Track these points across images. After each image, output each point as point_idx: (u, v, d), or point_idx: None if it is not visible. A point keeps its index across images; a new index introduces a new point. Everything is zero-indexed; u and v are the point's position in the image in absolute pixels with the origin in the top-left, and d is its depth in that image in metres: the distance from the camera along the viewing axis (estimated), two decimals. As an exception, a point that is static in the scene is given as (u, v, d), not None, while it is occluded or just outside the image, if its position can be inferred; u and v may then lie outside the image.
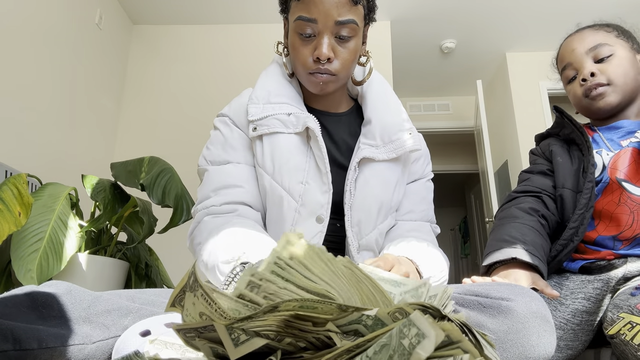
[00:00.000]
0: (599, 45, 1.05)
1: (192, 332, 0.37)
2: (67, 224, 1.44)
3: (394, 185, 0.91)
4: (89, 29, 2.77)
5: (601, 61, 1.04)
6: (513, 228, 0.98)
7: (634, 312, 0.77)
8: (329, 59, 0.83)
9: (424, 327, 0.26)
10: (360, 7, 0.85)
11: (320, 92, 0.89)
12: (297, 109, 0.90)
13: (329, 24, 0.82)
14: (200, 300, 0.35)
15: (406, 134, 0.90)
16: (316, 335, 0.36)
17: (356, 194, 0.88)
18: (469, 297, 0.64)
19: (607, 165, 1.01)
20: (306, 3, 0.82)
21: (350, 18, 0.83)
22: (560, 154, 1.11)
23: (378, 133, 0.90)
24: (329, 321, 0.35)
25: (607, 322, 0.83)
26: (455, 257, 7.06)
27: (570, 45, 1.11)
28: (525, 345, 0.58)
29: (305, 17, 0.82)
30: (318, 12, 0.81)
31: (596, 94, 1.04)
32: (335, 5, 0.81)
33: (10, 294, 0.58)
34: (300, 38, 0.85)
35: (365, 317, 0.34)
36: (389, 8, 3.21)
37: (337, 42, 0.85)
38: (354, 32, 0.85)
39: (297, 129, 0.88)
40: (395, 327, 0.28)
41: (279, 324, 0.35)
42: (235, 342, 0.34)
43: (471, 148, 4.57)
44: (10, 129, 2.10)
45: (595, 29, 1.09)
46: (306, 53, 0.85)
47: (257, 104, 0.90)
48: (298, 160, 0.87)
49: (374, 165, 0.89)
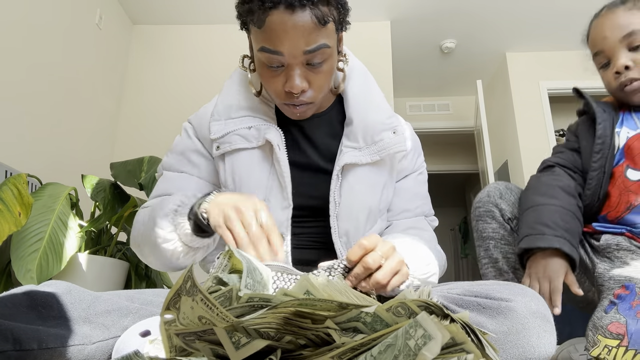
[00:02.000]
0: (633, 32, 0.97)
1: (192, 335, 0.37)
2: (67, 224, 1.44)
3: (381, 188, 0.86)
4: (89, 29, 2.76)
5: (636, 49, 0.98)
6: (556, 213, 0.96)
7: (606, 335, 0.80)
8: (303, 90, 0.76)
9: (431, 328, 0.26)
10: (330, 24, 0.74)
11: (299, 118, 0.83)
12: (261, 120, 0.85)
13: (297, 55, 0.72)
14: (200, 304, 0.35)
15: (390, 133, 0.84)
16: (315, 333, 0.36)
17: (342, 202, 0.83)
18: (468, 297, 0.63)
19: (621, 146, 1.01)
20: (268, 34, 0.71)
21: (321, 43, 0.72)
22: (585, 137, 1.08)
23: (360, 134, 0.84)
24: (328, 318, 0.35)
25: (588, 343, 0.84)
26: (455, 257, 7.05)
27: (601, 30, 1.02)
28: (525, 346, 0.58)
29: (269, 49, 0.72)
30: (282, 45, 0.71)
31: (631, 90, 0.99)
32: (301, 34, 0.70)
33: (9, 293, 0.57)
34: (267, 68, 0.76)
35: (364, 314, 0.34)
36: (389, 8, 3.21)
37: (310, 69, 0.75)
38: (326, 55, 0.75)
39: (259, 142, 0.83)
40: (401, 327, 0.28)
41: (279, 322, 0.35)
42: (236, 346, 0.34)
43: (471, 148, 4.57)
44: (10, 129, 2.10)
45: (628, 7, 1.00)
46: (277, 84, 0.76)
47: (218, 121, 0.85)
48: (258, 176, 0.83)
49: (359, 170, 0.84)
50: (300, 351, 0.38)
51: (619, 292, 0.86)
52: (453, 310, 0.61)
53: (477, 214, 1.10)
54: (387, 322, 0.33)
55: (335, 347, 0.35)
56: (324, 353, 0.35)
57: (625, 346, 0.77)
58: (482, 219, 1.08)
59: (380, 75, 3.23)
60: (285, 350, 0.38)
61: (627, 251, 0.95)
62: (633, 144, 0.99)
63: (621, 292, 0.86)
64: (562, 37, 3.49)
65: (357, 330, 0.35)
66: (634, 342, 0.76)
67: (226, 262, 0.51)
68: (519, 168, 3.52)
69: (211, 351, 0.39)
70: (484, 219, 1.08)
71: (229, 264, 0.51)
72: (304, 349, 0.38)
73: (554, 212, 0.96)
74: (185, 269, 0.37)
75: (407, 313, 0.32)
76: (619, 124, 1.05)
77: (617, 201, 0.99)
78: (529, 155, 3.49)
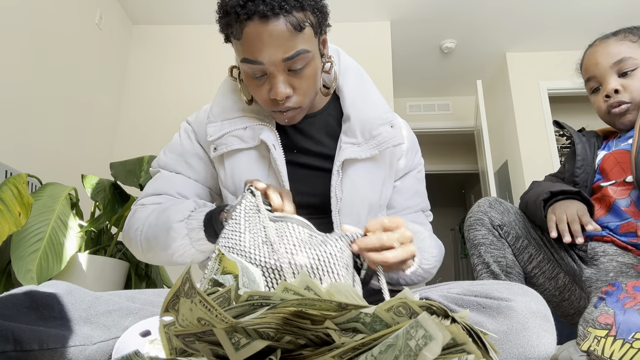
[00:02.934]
0: (623, 59, 1.06)
1: (191, 336, 0.37)
2: (67, 224, 1.44)
3: (381, 183, 0.88)
4: (89, 29, 2.76)
5: (625, 75, 1.06)
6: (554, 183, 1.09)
7: (596, 326, 0.82)
8: (287, 96, 0.78)
9: (432, 329, 0.26)
10: (307, 29, 0.75)
11: (288, 124, 0.86)
12: (256, 120, 0.86)
13: (276, 64, 0.74)
14: (199, 306, 0.35)
15: (388, 127, 0.86)
16: (315, 333, 0.36)
17: (344, 197, 0.84)
18: (468, 297, 0.63)
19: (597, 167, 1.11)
20: (246, 45, 0.74)
21: (299, 50, 0.74)
22: (569, 161, 1.19)
23: (359, 129, 0.86)
24: (328, 319, 0.35)
25: (579, 337, 0.86)
26: (455, 257, 7.06)
27: (594, 57, 1.11)
28: (525, 345, 0.58)
29: (249, 60, 0.75)
30: (261, 55, 0.73)
31: (618, 112, 1.07)
32: (278, 43, 0.72)
33: (10, 294, 0.57)
34: (252, 78, 0.79)
35: (364, 314, 0.34)
36: (389, 8, 3.21)
37: (292, 75, 0.77)
38: (307, 60, 0.76)
39: (255, 142, 0.85)
40: (402, 327, 0.28)
41: (278, 322, 0.35)
42: (236, 347, 0.34)
43: (471, 148, 4.57)
44: (10, 129, 2.10)
45: (619, 38, 1.09)
46: (263, 93, 0.79)
47: (214, 123, 0.87)
48: (257, 176, 0.85)
49: (358, 166, 0.85)
50: (300, 351, 0.38)
51: (606, 289, 0.90)
52: (453, 309, 0.61)
53: (469, 223, 1.16)
54: (387, 322, 0.34)
55: (336, 347, 0.35)
56: (324, 353, 0.35)
57: (614, 336, 0.78)
58: (473, 227, 1.14)
59: (380, 75, 3.23)
60: (285, 350, 0.38)
61: (614, 255, 0.99)
62: (604, 163, 1.09)
63: (608, 289, 0.89)
64: (562, 37, 3.49)
65: (356, 331, 0.35)
66: (621, 332, 0.77)
67: (217, 265, 0.52)
68: (519, 168, 3.52)
69: (211, 352, 0.39)
70: (475, 227, 1.14)
71: (220, 267, 0.52)
72: (304, 349, 0.38)
73: (559, 183, 1.09)
74: (183, 271, 0.37)
75: (408, 313, 0.32)
76: (602, 148, 1.15)
77: (597, 207, 1.07)
78: (529, 155, 3.49)
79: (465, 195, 6.70)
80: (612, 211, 1.04)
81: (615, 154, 1.07)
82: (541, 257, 1.11)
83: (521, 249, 1.11)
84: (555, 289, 1.12)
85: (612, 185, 1.05)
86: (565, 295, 1.12)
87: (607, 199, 1.05)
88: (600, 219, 1.06)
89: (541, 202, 1.04)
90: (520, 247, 1.11)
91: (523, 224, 1.13)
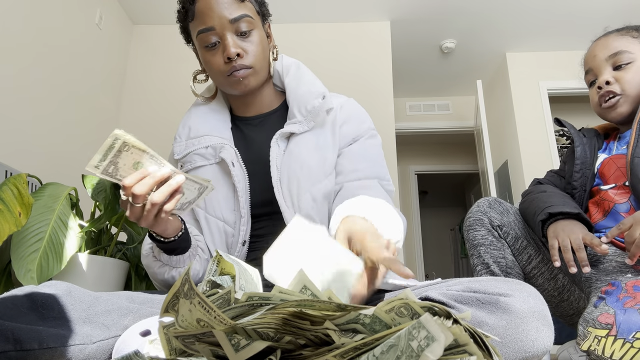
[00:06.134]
0: (619, 52, 1.06)
1: (191, 337, 0.37)
2: (67, 224, 1.44)
3: (323, 148, 0.92)
4: (89, 29, 2.76)
5: (619, 67, 1.06)
6: (560, 194, 1.07)
7: (596, 325, 0.82)
8: (238, 54, 0.89)
9: (434, 330, 0.26)
10: (247, 2, 0.91)
11: (246, 89, 0.92)
12: (217, 138, 0.95)
13: (225, 25, 0.88)
14: (198, 307, 0.35)
15: (320, 99, 0.93)
16: (314, 333, 0.36)
17: (282, 165, 0.90)
18: (467, 293, 0.64)
19: (597, 171, 1.09)
20: (198, 16, 0.89)
21: (242, 13, 0.89)
22: (568, 161, 1.18)
23: (296, 109, 0.94)
24: (327, 320, 0.35)
25: (579, 337, 0.86)
26: (455, 257, 7.06)
27: (593, 50, 1.12)
28: (524, 340, 0.58)
29: (203, 29, 0.89)
30: (212, 19, 0.88)
31: (608, 105, 1.07)
32: (224, 7, 0.88)
33: (10, 294, 0.57)
34: (208, 50, 0.91)
35: (363, 316, 0.34)
36: (389, 8, 3.21)
37: (240, 38, 0.90)
38: (251, 25, 0.91)
39: (216, 160, 0.94)
40: (404, 328, 0.28)
41: (278, 322, 0.35)
42: (235, 348, 0.34)
43: (471, 148, 4.57)
44: (11, 129, 2.10)
45: (621, 33, 1.09)
46: (218, 59, 0.90)
47: (179, 142, 0.98)
48: (222, 189, 0.92)
49: (298, 137, 0.92)
50: (300, 351, 0.38)
51: (606, 288, 0.89)
52: (453, 306, 0.61)
53: (468, 224, 1.15)
54: (387, 323, 0.33)
55: (336, 347, 0.35)
56: (324, 353, 0.35)
57: (614, 335, 0.78)
58: (472, 227, 1.14)
59: (380, 75, 3.22)
60: (285, 350, 0.38)
61: (613, 255, 0.98)
62: (604, 168, 1.08)
63: (608, 289, 0.89)
64: (562, 37, 3.49)
65: (356, 331, 0.35)
66: (622, 331, 0.77)
67: (215, 267, 0.53)
68: (519, 168, 3.52)
69: (211, 352, 0.39)
70: (474, 227, 1.13)
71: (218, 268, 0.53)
72: (304, 349, 0.38)
73: (559, 194, 1.08)
74: (183, 272, 0.37)
75: (409, 314, 0.32)
76: (602, 150, 1.13)
77: (594, 211, 1.07)
78: (528, 155, 3.49)
79: (465, 195, 6.70)
80: (610, 215, 1.03)
81: (614, 159, 1.07)
82: (540, 257, 1.11)
83: (520, 250, 1.11)
84: (554, 289, 1.12)
85: (612, 188, 1.04)
86: (565, 296, 1.12)
87: (606, 203, 1.04)
88: (598, 224, 1.05)
89: (539, 223, 1.02)
90: (519, 248, 1.11)
91: (522, 225, 1.13)
